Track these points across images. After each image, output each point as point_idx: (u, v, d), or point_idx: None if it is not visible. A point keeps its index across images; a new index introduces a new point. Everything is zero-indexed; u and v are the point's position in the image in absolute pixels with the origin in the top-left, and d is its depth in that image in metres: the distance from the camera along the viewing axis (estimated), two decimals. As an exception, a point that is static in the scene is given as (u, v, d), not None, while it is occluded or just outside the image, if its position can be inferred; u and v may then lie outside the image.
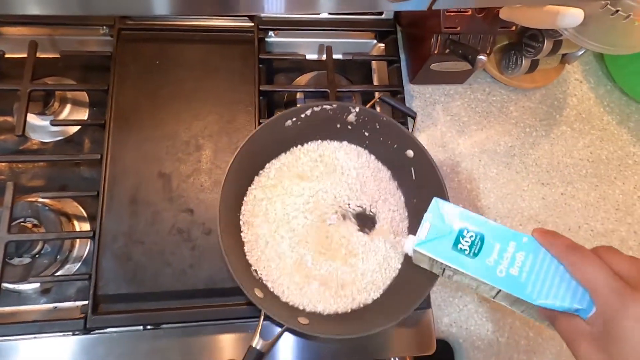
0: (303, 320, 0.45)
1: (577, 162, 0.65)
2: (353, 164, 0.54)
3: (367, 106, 0.53)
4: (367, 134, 0.54)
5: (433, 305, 0.55)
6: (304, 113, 0.51)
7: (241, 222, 0.50)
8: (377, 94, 0.60)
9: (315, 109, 0.51)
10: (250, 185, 0.52)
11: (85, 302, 0.48)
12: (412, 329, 0.52)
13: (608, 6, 0.44)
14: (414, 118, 0.57)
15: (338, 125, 0.53)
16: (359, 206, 0.53)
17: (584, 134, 0.67)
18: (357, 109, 0.52)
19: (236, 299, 0.50)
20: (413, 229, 0.53)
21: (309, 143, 0.55)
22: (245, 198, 0.51)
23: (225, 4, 0.27)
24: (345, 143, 0.55)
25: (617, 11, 0.44)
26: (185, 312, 0.49)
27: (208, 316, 0.49)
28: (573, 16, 0.38)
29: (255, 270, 0.49)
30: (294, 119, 0.51)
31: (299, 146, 0.54)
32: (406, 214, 0.54)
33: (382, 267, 0.51)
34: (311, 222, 0.51)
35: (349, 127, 0.54)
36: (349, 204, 0.53)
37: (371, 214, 0.53)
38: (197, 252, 0.51)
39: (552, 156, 0.65)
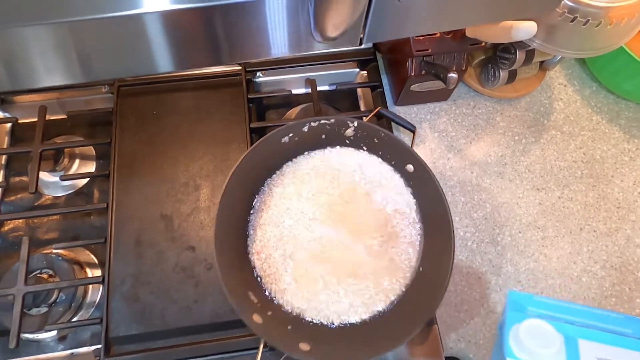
0: (304, 347, 0.45)
1: (570, 165, 0.65)
2: (355, 164, 0.54)
3: (366, 120, 0.53)
4: (365, 148, 0.54)
5: (439, 321, 0.54)
6: (302, 128, 0.51)
7: (248, 240, 0.51)
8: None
9: (313, 124, 0.51)
10: (255, 197, 0.52)
11: (99, 346, 0.51)
12: (419, 347, 0.52)
13: (566, 14, 0.46)
14: (412, 131, 0.57)
15: (335, 140, 0.53)
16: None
17: (575, 136, 0.67)
18: (356, 123, 0.51)
19: (241, 331, 0.51)
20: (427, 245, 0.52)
21: (310, 153, 0.55)
22: (252, 209, 0.52)
23: (219, 56, 0.28)
24: (348, 148, 0.55)
25: (575, 18, 0.46)
26: (192, 347, 0.50)
27: (215, 350, 0.50)
28: (526, 29, 0.40)
29: (262, 283, 0.49)
30: (291, 135, 0.52)
31: (299, 157, 0.54)
32: (417, 232, 0.53)
33: (391, 275, 0.50)
34: (319, 230, 0.51)
35: (347, 141, 0.54)
36: (360, 207, 0.52)
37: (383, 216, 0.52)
38: (200, 287, 0.53)
39: (544, 161, 0.65)
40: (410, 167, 0.52)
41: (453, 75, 0.49)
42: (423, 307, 0.47)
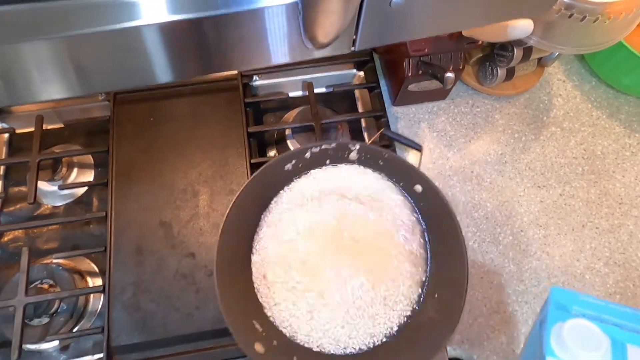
0: None
1: (571, 161, 0.65)
2: (359, 180, 0.52)
3: (369, 142, 0.53)
4: (370, 170, 0.52)
5: (442, 323, 0.54)
6: (304, 155, 0.50)
7: (252, 265, 0.49)
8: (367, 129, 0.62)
9: (315, 149, 0.50)
10: (257, 227, 0.51)
11: (101, 355, 0.50)
12: (422, 349, 0.52)
13: (563, 11, 0.46)
14: (419, 151, 0.55)
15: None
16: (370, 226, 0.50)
17: (575, 132, 0.67)
18: (358, 146, 0.50)
19: (243, 337, 0.51)
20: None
21: (314, 170, 0.53)
22: (255, 237, 0.50)
23: (217, 65, 0.28)
24: (352, 165, 0.53)
25: (572, 14, 0.46)
26: (195, 354, 0.50)
27: (217, 357, 0.50)
28: (522, 27, 0.40)
29: (266, 311, 0.47)
30: (294, 161, 0.50)
31: (303, 176, 0.52)
32: (425, 253, 0.51)
33: (401, 296, 0.48)
34: (324, 251, 0.49)
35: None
36: (360, 225, 0.50)
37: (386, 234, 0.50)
38: (201, 294, 0.53)
39: (544, 158, 0.65)
40: (418, 188, 0.49)
41: (450, 75, 0.49)
42: (435, 333, 0.45)
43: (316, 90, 0.66)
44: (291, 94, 0.67)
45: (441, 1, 0.21)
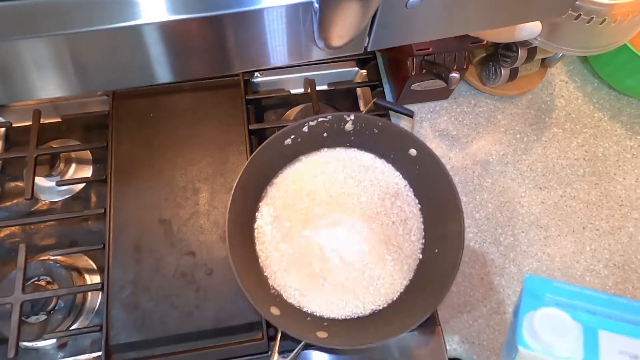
0: (321, 334, 0.46)
1: (573, 163, 0.65)
2: (357, 164, 0.56)
3: (363, 112, 0.55)
4: (364, 143, 0.56)
5: (442, 323, 0.54)
6: (302, 129, 0.53)
7: (255, 236, 0.52)
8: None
9: (312, 123, 0.53)
10: (260, 201, 0.54)
11: (99, 354, 0.50)
12: (422, 349, 0.52)
13: (569, 12, 0.45)
14: (411, 117, 0.58)
15: (337, 137, 0.55)
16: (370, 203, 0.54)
17: (577, 133, 0.67)
18: (353, 117, 0.53)
19: (243, 336, 0.51)
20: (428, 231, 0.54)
21: (314, 153, 0.56)
22: (257, 214, 0.53)
23: (221, 65, 0.28)
24: (349, 149, 0.57)
25: (579, 15, 0.45)
26: (195, 354, 0.50)
27: (217, 356, 0.50)
28: (530, 29, 0.40)
29: (270, 282, 0.50)
30: (293, 136, 0.53)
31: (303, 157, 0.56)
32: (421, 218, 0.55)
33: (398, 266, 0.52)
34: (325, 225, 0.53)
35: (352, 138, 0.55)
36: (360, 203, 0.54)
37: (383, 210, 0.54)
38: (201, 293, 0.52)
39: (546, 159, 0.65)
40: (413, 152, 0.53)
41: (455, 75, 0.48)
42: (437, 286, 0.48)
43: (318, 88, 0.65)
44: (293, 91, 0.66)
45: (457, 2, 0.21)
